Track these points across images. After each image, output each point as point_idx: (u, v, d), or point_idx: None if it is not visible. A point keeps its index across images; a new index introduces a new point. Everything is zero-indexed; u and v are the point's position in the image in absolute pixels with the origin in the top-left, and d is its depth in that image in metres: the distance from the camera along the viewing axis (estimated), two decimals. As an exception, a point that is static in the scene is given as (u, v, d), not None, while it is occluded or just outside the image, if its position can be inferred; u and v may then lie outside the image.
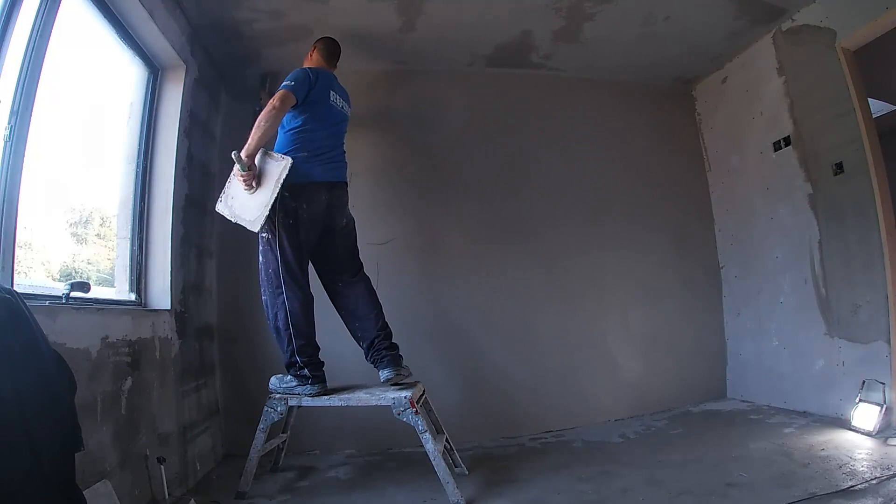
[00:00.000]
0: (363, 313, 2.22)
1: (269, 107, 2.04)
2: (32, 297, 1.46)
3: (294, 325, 2.08)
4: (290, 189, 2.05)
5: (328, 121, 2.25)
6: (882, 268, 2.39)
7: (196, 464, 2.26)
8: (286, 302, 2.07)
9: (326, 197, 2.17)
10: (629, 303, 3.20)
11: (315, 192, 2.13)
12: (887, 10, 2.29)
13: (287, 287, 2.08)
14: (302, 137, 2.17)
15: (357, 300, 2.25)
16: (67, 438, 1.15)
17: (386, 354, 2.14)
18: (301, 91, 2.14)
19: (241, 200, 2.08)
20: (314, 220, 2.15)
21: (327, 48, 2.44)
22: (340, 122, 2.36)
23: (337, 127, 2.32)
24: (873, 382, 2.34)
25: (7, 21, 1.41)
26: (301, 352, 2.08)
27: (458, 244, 3.00)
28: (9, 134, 1.39)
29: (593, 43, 2.96)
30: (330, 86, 2.29)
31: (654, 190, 3.36)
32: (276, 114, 2.04)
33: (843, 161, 2.57)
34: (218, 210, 2.13)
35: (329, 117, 2.26)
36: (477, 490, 2.04)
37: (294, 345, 2.07)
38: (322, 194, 2.15)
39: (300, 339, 2.08)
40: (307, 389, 2.06)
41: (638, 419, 2.96)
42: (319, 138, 2.20)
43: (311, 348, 2.12)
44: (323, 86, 2.24)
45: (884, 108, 4.18)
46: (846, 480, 1.77)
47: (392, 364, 2.12)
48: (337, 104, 2.32)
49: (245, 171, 2.00)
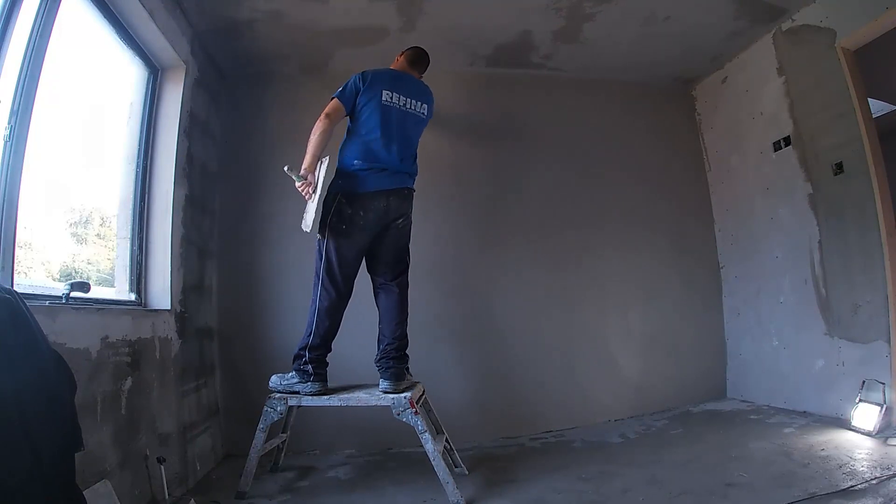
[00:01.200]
0: (387, 319, 2.22)
1: (321, 117, 2.09)
2: (32, 297, 1.46)
3: (317, 323, 2.10)
4: (347, 196, 2.10)
5: (385, 122, 2.15)
6: (882, 268, 2.39)
7: (196, 464, 2.26)
8: (317, 300, 2.12)
9: (384, 204, 2.13)
10: (629, 303, 3.20)
11: (370, 200, 2.11)
12: (887, 10, 2.29)
13: (323, 286, 2.11)
14: (357, 142, 2.16)
15: (386, 304, 2.23)
16: (67, 438, 1.15)
17: (392, 366, 2.12)
18: (347, 97, 2.15)
19: (308, 210, 2.14)
20: (368, 226, 2.13)
21: (412, 54, 2.41)
22: (404, 123, 2.21)
23: (398, 128, 2.19)
24: (873, 382, 2.34)
25: (7, 21, 1.41)
26: (312, 348, 2.09)
27: (457, 245, 3.00)
28: (9, 134, 1.39)
29: (593, 43, 2.96)
30: (389, 85, 2.19)
31: (654, 190, 3.36)
32: (324, 125, 2.08)
33: (843, 161, 2.57)
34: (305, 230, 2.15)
35: (384, 119, 2.15)
36: (477, 490, 2.04)
37: (309, 340, 2.10)
38: (379, 202, 2.12)
39: (316, 338, 2.10)
40: (307, 387, 2.06)
41: (638, 419, 2.96)
42: (375, 143, 2.14)
43: (323, 349, 2.13)
44: (376, 86, 2.17)
45: (884, 108, 4.18)
46: (846, 480, 1.77)
47: (393, 378, 2.09)
48: (398, 103, 2.19)
49: (300, 181, 2.06)
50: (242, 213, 2.88)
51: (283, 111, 2.95)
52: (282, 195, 2.69)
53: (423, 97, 2.31)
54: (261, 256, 2.84)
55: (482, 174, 3.11)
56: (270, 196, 2.84)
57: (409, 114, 2.24)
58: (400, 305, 2.23)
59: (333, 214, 2.10)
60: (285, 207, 2.73)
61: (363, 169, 2.12)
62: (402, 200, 2.21)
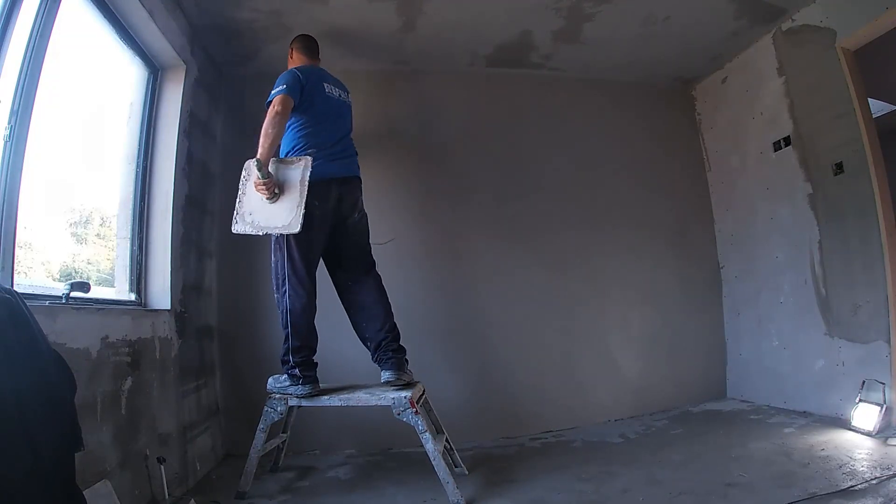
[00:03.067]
0: (373, 313, 2.20)
1: (272, 113, 2.02)
2: (32, 297, 1.46)
3: (293, 324, 2.07)
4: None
5: (329, 113, 2.23)
6: (882, 268, 2.39)
7: (196, 464, 2.26)
8: (287, 301, 2.08)
9: (337, 193, 2.15)
10: (629, 303, 3.20)
11: (325, 188, 2.10)
12: (887, 10, 2.29)
13: (290, 286, 2.08)
14: (306, 134, 2.17)
15: (366, 299, 2.22)
16: (67, 438, 1.15)
17: (392, 356, 2.12)
18: (295, 91, 2.12)
19: (264, 211, 2.02)
20: (324, 217, 2.13)
21: (305, 45, 2.42)
22: (343, 113, 2.32)
23: (340, 118, 2.29)
24: (873, 382, 2.34)
25: (7, 21, 1.41)
26: (295, 352, 2.07)
27: (458, 245, 3.00)
28: (9, 134, 1.39)
29: (593, 43, 2.96)
30: (322, 79, 2.27)
31: (653, 190, 3.36)
32: (280, 119, 2.03)
33: (843, 161, 2.57)
34: (237, 231, 2.04)
35: (329, 109, 2.23)
36: (477, 490, 2.04)
37: (289, 343, 2.07)
38: (332, 190, 2.13)
39: (296, 340, 2.07)
40: (298, 390, 2.05)
41: (638, 419, 2.96)
42: (324, 133, 2.18)
43: (307, 350, 2.10)
44: (314, 80, 2.22)
45: (884, 108, 4.19)
46: (846, 480, 1.77)
47: (395, 367, 2.10)
48: (334, 94, 2.28)
49: (266, 178, 1.98)
50: (242, 213, 2.87)
51: (283, 111, 2.94)
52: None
53: (344, 86, 2.42)
54: (261, 256, 2.83)
55: (481, 174, 3.11)
56: (270, 196, 2.83)
57: (345, 103, 2.36)
58: (382, 297, 2.24)
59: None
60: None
61: (316, 158, 2.10)
62: (354, 189, 2.26)
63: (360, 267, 2.27)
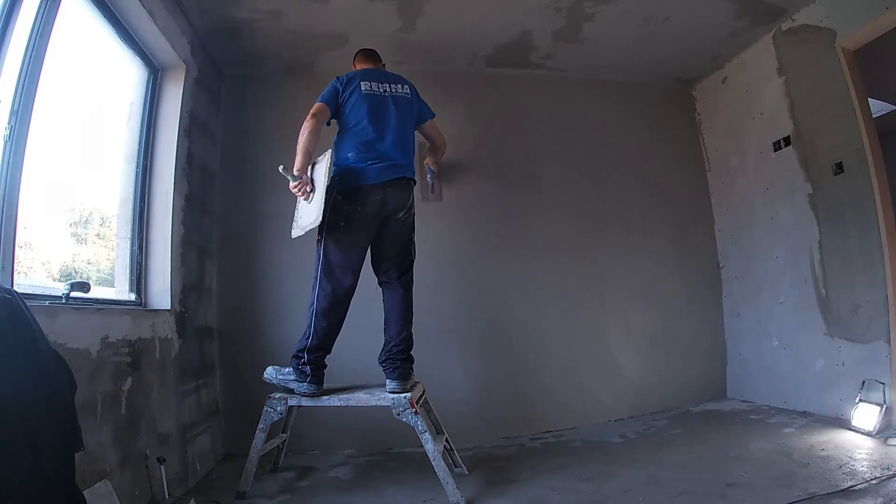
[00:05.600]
0: (391, 318, 2.19)
1: (305, 120, 2.06)
2: (32, 297, 1.46)
3: (315, 324, 2.07)
4: (343, 192, 2.06)
5: (368, 111, 2.14)
6: (882, 268, 2.39)
7: (196, 464, 2.26)
8: (316, 301, 2.08)
9: (381, 197, 2.08)
10: (629, 303, 3.20)
11: (367, 193, 2.07)
12: (887, 10, 2.29)
13: (321, 287, 2.08)
14: (348, 136, 2.14)
15: (391, 304, 2.20)
16: (67, 438, 1.15)
17: (399, 366, 2.10)
18: (329, 98, 2.13)
19: (303, 211, 2.11)
20: (367, 221, 2.09)
21: (361, 53, 2.44)
22: (389, 107, 2.19)
23: (382, 113, 2.17)
24: (873, 382, 2.34)
25: (7, 21, 1.41)
26: (310, 350, 2.07)
27: (457, 245, 3.00)
28: (9, 134, 1.39)
29: (593, 43, 2.96)
30: (364, 77, 2.21)
31: (653, 190, 3.36)
32: (310, 125, 2.04)
33: (843, 161, 2.57)
34: (294, 237, 2.13)
35: (368, 107, 2.15)
36: (477, 490, 2.03)
37: (308, 341, 2.07)
38: (376, 195, 2.08)
39: (314, 340, 2.07)
40: (303, 387, 2.05)
41: (638, 419, 2.96)
42: (364, 133, 2.12)
43: (322, 351, 2.10)
44: (354, 81, 2.18)
45: (884, 108, 4.18)
46: (846, 480, 1.77)
47: (400, 377, 2.08)
48: (377, 90, 2.19)
49: (295, 181, 2.02)
50: (242, 213, 2.88)
51: (284, 111, 2.94)
52: (281, 195, 2.68)
53: (400, 80, 2.31)
54: (261, 256, 2.84)
55: (482, 175, 3.11)
56: (270, 196, 2.83)
57: (393, 97, 2.22)
58: (405, 306, 2.20)
59: (330, 213, 2.07)
60: (285, 207, 2.73)
61: (357, 162, 2.09)
62: (401, 192, 2.15)
63: (392, 269, 2.21)
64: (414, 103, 2.32)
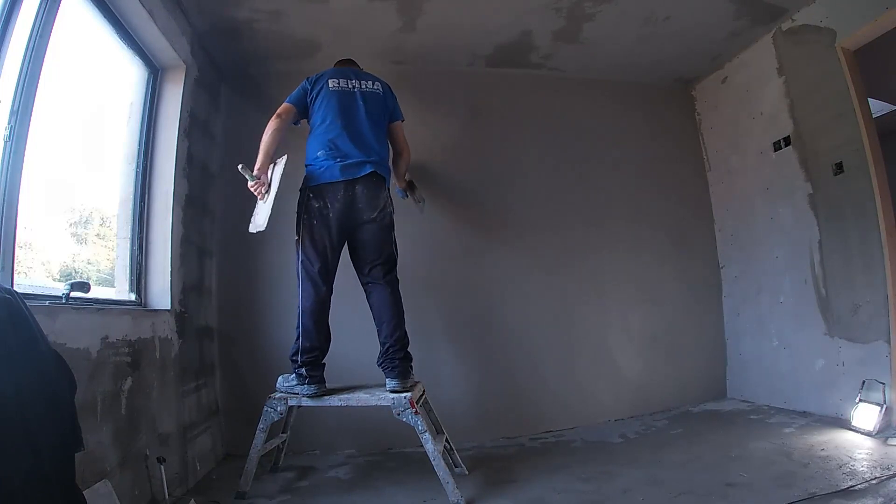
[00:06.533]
0: (383, 318, 2.18)
1: (270, 120, 2.11)
2: (32, 297, 1.46)
3: (303, 323, 2.08)
4: (313, 190, 2.10)
5: (339, 108, 2.17)
6: (882, 268, 2.39)
7: (196, 464, 2.26)
8: (300, 300, 2.10)
9: (348, 193, 2.10)
10: (629, 303, 3.20)
11: (335, 190, 2.09)
12: (887, 10, 2.29)
13: (304, 287, 2.09)
14: (317, 134, 2.17)
15: (380, 304, 2.19)
16: (67, 438, 1.15)
17: (398, 365, 2.10)
18: (298, 98, 2.18)
19: (259, 211, 2.16)
20: (337, 218, 2.10)
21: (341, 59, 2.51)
22: (358, 104, 2.21)
23: (349, 109, 2.19)
24: (873, 382, 2.34)
25: (7, 21, 1.41)
26: (303, 351, 2.07)
27: (456, 245, 3.00)
28: (9, 134, 1.39)
29: (593, 43, 2.96)
30: (332, 75, 2.25)
31: (653, 190, 3.36)
32: (274, 124, 2.13)
33: (843, 161, 2.57)
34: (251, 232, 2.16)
35: (338, 104, 2.18)
36: (477, 490, 2.03)
37: (299, 343, 2.08)
38: (340, 192, 2.09)
39: (306, 340, 2.07)
40: (305, 390, 2.06)
41: (638, 419, 2.96)
42: (332, 130, 2.14)
43: (315, 351, 2.10)
44: (322, 80, 2.22)
45: (884, 108, 4.19)
46: (846, 480, 1.77)
47: (399, 376, 2.08)
48: (346, 87, 2.22)
49: (253, 180, 2.09)
50: (242, 213, 2.85)
51: (283, 111, 2.94)
52: (281, 195, 2.69)
53: (372, 77, 2.34)
54: (261, 256, 2.84)
55: (481, 175, 3.11)
56: (270, 196, 2.83)
57: (362, 92, 2.25)
58: (394, 304, 2.20)
59: (304, 211, 2.10)
60: (285, 207, 2.73)
61: (326, 159, 2.11)
62: (371, 188, 2.13)
63: (375, 269, 2.21)
64: (387, 100, 2.34)
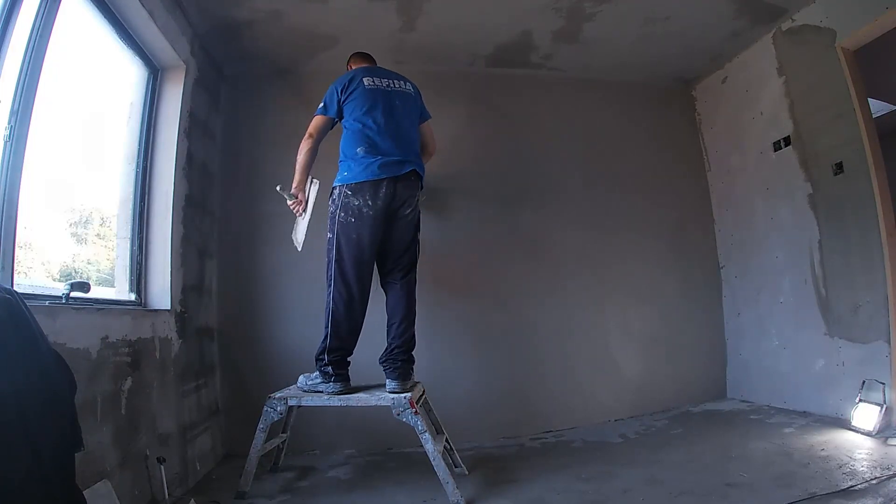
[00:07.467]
0: (395, 319, 2.18)
1: (303, 139, 2.15)
2: (32, 297, 1.46)
3: (333, 324, 2.07)
4: (351, 188, 2.07)
5: (378, 104, 2.15)
6: (882, 268, 2.39)
7: (196, 464, 2.26)
8: (331, 301, 2.08)
9: (390, 191, 2.07)
10: (629, 303, 3.20)
11: (377, 187, 2.06)
12: (887, 10, 2.29)
13: (336, 287, 2.07)
14: (357, 131, 2.13)
15: (394, 304, 2.19)
16: (67, 438, 1.15)
17: (399, 366, 2.10)
18: (331, 103, 2.18)
19: (299, 229, 2.27)
20: (378, 216, 2.07)
21: (356, 55, 2.49)
22: (394, 103, 2.20)
23: (390, 108, 2.17)
24: (873, 382, 2.34)
25: (7, 21, 1.41)
26: (330, 351, 2.07)
27: (456, 245, 3.00)
28: (9, 134, 1.39)
29: (593, 43, 2.96)
30: (366, 74, 2.22)
31: (654, 190, 3.36)
32: (308, 144, 2.16)
33: (843, 161, 2.57)
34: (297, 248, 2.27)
35: (374, 101, 2.15)
36: (477, 490, 2.03)
37: (327, 343, 2.07)
38: (387, 189, 2.07)
39: (334, 340, 2.07)
40: (330, 387, 2.05)
41: (638, 419, 2.96)
42: (375, 127, 2.12)
43: (342, 350, 2.09)
44: (355, 79, 2.19)
45: (884, 108, 4.18)
46: (846, 480, 1.77)
47: (400, 377, 2.08)
48: (381, 85, 2.20)
49: (292, 199, 2.15)
50: (242, 213, 2.88)
51: (284, 111, 2.94)
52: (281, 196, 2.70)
53: (402, 78, 2.33)
54: (261, 256, 2.84)
55: (481, 175, 3.11)
56: (270, 196, 2.80)
57: (396, 92, 2.24)
58: (408, 306, 2.19)
59: (340, 209, 2.06)
60: (285, 207, 2.72)
61: (366, 156, 2.08)
62: (410, 187, 2.14)
63: (396, 269, 2.20)
64: (417, 100, 2.35)
